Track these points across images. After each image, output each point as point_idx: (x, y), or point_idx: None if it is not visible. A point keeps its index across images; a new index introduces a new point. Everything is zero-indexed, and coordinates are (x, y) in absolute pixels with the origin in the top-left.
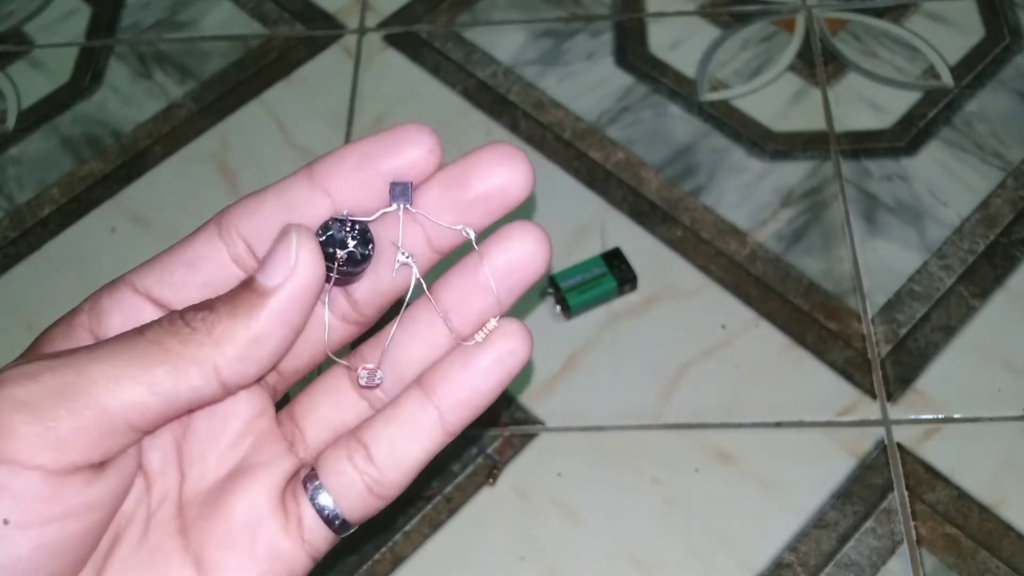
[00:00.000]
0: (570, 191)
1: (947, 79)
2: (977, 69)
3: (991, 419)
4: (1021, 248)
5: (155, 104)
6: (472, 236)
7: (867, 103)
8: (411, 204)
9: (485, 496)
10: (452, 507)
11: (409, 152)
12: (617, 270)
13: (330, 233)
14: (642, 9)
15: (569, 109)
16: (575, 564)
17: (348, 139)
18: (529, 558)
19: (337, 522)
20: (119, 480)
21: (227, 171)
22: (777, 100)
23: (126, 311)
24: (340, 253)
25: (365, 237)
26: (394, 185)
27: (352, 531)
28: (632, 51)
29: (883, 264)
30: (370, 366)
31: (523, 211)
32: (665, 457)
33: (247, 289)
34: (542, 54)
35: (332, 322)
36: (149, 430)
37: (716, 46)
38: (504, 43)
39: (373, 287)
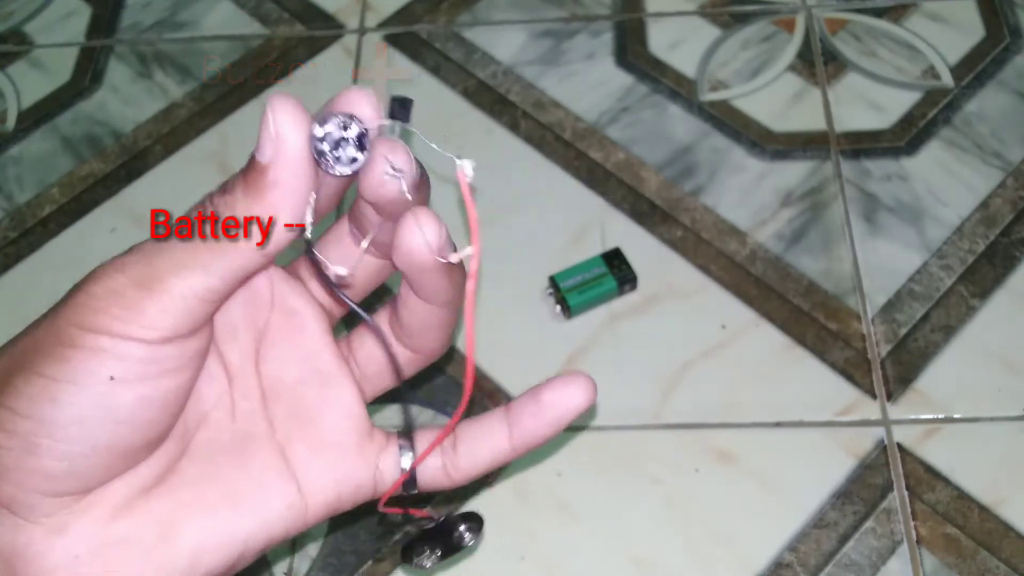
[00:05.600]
0: (570, 191)
1: (947, 79)
2: (977, 69)
3: (991, 419)
4: (1021, 248)
5: (155, 104)
6: (464, 168)
7: (867, 103)
8: (409, 122)
9: (485, 496)
10: (452, 507)
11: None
12: (617, 270)
13: (328, 130)
14: (642, 9)
15: (569, 109)
16: (575, 564)
17: None
18: (529, 558)
19: (410, 481)
20: (202, 344)
21: (227, 171)
22: (777, 100)
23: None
24: (329, 152)
25: (361, 142)
26: (395, 99)
27: (410, 493)
28: (632, 51)
29: (883, 264)
30: (343, 271)
31: (522, 203)
32: (665, 457)
33: (253, 168)
34: (542, 54)
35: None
36: (222, 299)
37: (716, 46)
38: (504, 43)
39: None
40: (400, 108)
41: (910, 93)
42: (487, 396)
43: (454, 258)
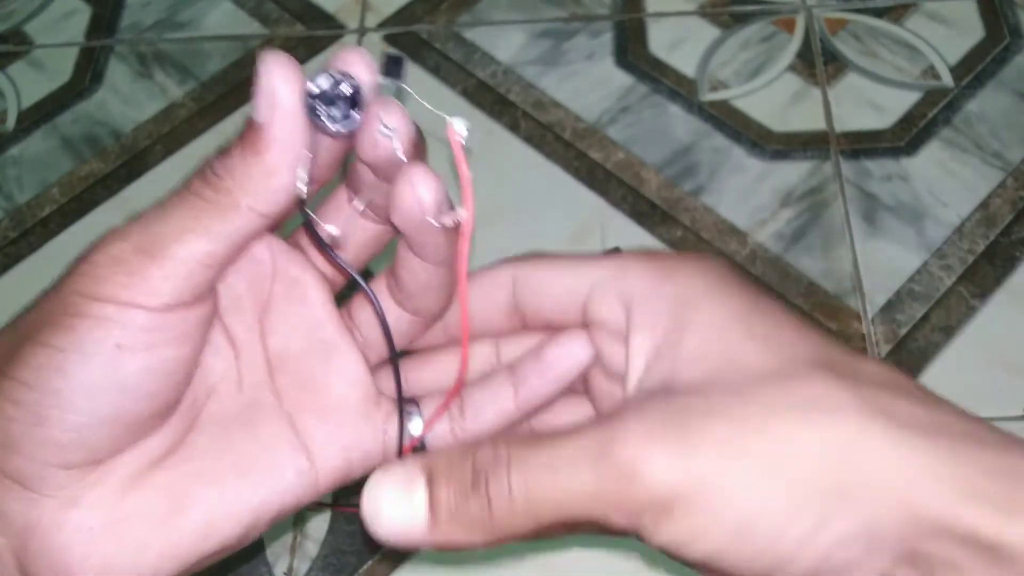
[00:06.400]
0: (570, 191)
1: (947, 79)
2: (977, 69)
3: (991, 419)
4: (1021, 248)
5: (155, 104)
6: (456, 128)
7: (867, 103)
8: (404, 81)
9: None
10: None
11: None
12: None
13: (321, 86)
14: (642, 9)
15: (569, 109)
16: (575, 564)
17: None
18: (529, 558)
19: (420, 446)
20: (205, 313)
21: None
22: (777, 100)
23: None
24: (323, 109)
25: (356, 100)
26: (388, 57)
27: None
28: (632, 51)
29: (883, 264)
30: (334, 231)
31: (522, 203)
32: None
33: (251, 129)
34: (542, 54)
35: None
36: (223, 265)
37: (716, 46)
38: (504, 43)
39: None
40: (393, 66)
41: (910, 93)
42: None
43: (448, 219)
